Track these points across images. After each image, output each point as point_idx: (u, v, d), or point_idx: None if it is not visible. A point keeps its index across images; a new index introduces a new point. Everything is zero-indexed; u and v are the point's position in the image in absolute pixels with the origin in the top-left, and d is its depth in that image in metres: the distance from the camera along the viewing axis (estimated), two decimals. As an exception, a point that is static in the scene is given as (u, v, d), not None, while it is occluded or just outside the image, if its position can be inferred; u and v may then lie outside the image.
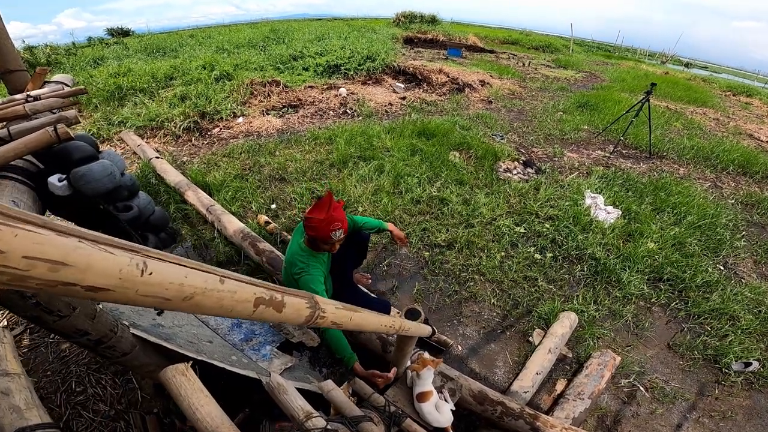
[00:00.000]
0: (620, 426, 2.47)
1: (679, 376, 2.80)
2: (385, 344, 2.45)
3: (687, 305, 3.35)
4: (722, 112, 9.76)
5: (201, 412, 1.20)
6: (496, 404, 2.17)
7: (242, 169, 4.62)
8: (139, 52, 10.93)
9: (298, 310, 0.89)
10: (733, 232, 4.36)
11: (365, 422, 1.65)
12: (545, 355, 2.63)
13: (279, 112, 6.72)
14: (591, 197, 4.65)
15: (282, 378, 1.61)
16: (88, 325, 1.61)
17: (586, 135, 6.81)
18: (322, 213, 1.99)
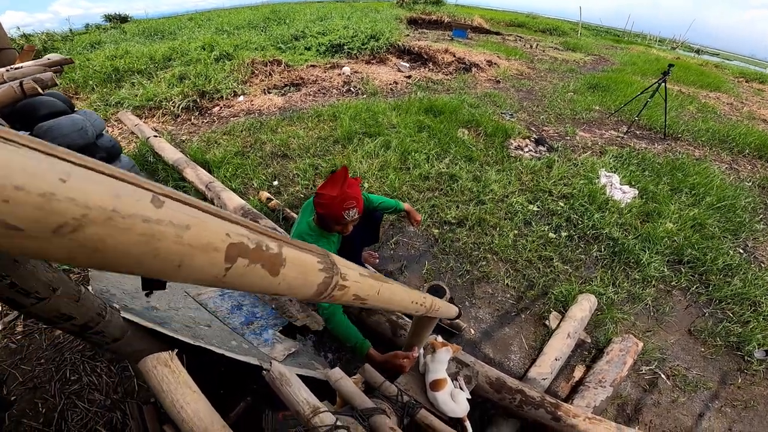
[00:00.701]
0: (641, 415, 2.33)
1: (701, 364, 2.66)
2: (396, 328, 2.29)
3: (708, 289, 3.19)
4: (736, 97, 9.55)
5: (187, 410, 1.03)
6: (515, 392, 2.02)
7: (243, 147, 4.44)
8: (137, 36, 10.74)
9: (305, 273, 0.54)
10: (752, 215, 4.21)
11: (377, 415, 1.49)
12: (564, 340, 2.47)
13: (281, 90, 6.50)
14: (606, 176, 4.49)
15: (284, 367, 1.45)
16: (71, 308, 1.44)
17: (598, 115, 6.63)
18: (335, 189, 1.78)
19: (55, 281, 1.37)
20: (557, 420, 1.96)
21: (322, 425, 1.29)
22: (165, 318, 2.00)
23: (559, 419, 1.96)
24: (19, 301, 1.27)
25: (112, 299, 1.89)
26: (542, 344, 2.58)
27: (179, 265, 0.35)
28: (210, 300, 2.42)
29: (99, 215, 0.27)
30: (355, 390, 1.62)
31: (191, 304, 2.33)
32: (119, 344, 1.73)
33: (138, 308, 1.97)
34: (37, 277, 1.29)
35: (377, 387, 1.79)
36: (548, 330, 2.68)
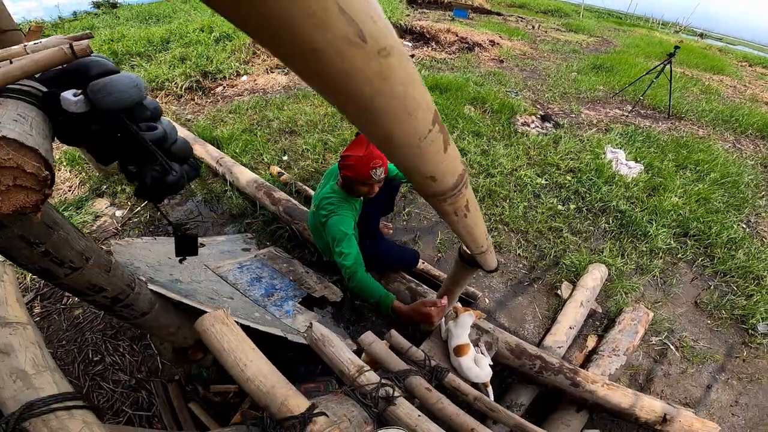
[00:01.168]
0: (652, 384, 2.40)
1: (708, 336, 2.73)
2: (415, 295, 2.33)
3: (713, 262, 3.26)
4: (739, 80, 9.54)
5: (251, 368, 1.01)
6: (535, 358, 2.06)
7: (250, 124, 4.40)
8: (130, 20, 10.40)
9: (456, 159, 0.57)
10: (755, 192, 4.28)
11: (412, 376, 1.53)
12: (577, 309, 2.52)
13: (284, 69, 6.40)
14: (612, 152, 4.54)
15: (325, 328, 1.47)
16: (103, 279, 1.44)
17: (603, 95, 6.64)
18: (361, 149, 1.81)
19: (87, 250, 1.37)
20: (576, 386, 2.00)
21: (368, 383, 1.32)
22: (189, 291, 2.01)
23: (578, 385, 1.99)
24: (54, 271, 1.28)
25: (137, 272, 1.89)
26: (555, 313, 2.63)
27: (409, 114, 0.39)
28: (229, 273, 2.43)
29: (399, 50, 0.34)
30: (389, 353, 1.66)
31: (211, 276, 2.35)
32: (147, 318, 1.73)
33: (163, 281, 1.98)
34: (70, 245, 1.29)
35: (404, 352, 1.82)
36: (560, 300, 2.74)
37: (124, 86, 1.21)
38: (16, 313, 0.84)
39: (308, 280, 2.59)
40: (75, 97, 1.16)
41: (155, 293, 1.79)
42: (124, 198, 3.25)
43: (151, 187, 1.48)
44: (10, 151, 0.90)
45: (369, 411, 1.30)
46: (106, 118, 1.24)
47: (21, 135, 0.94)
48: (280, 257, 2.75)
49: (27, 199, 0.96)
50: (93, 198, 3.24)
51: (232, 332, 1.12)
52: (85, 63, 1.22)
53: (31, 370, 0.76)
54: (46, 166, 0.97)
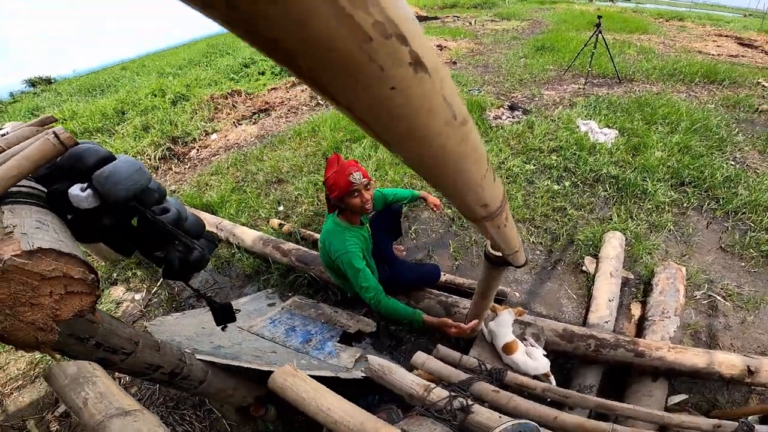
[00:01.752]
0: (718, 340, 2.37)
1: (748, 279, 2.74)
2: (448, 308, 2.34)
3: (719, 203, 3.34)
4: (664, 36, 9.97)
5: (336, 412, 1.04)
6: (587, 338, 2.05)
7: (236, 182, 4.41)
8: (74, 95, 10.21)
9: (500, 184, 0.62)
10: (728, 130, 4.42)
11: (476, 383, 1.54)
12: (609, 280, 2.53)
13: (251, 120, 6.46)
14: (584, 124, 4.70)
15: (380, 358, 1.49)
16: (156, 358, 1.49)
17: (555, 74, 6.88)
18: (333, 167, 1.91)
19: (134, 336, 1.41)
20: (641, 356, 1.96)
21: (439, 399, 1.33)
22: (234, 353, 2.01)
23: (642, 355, 1.96)
24: (110, 359, 1.31)
25: (180, 346, 1.89)
26: (588, 290, 2.65)
27: (477, 163, 0.45)
28: (264, 329, 2.43)
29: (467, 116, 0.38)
30: (445, 366, 1.67)
31: (248, 336, 2.34)
32: (204, 386, 1.76)
33: (207, 349, 1.98)
34: (117, 333, 1.32)
35: (457, 363, 1.83)
36: (588, 275, 2.76)
37: (128, 172, 1.22)
38: (128, 402, 0.86)
39: (339, 318, 2.59)
40: (83, 192, 1.16)
41: (204, 361, 1.80)
42: (137, 281, 3.22)
43: (179, 268, 1.50)
44: (51, 262, 0.92)
45: (450, 425, 1.32)
46: (117, 209, 1.25)
47: (54, 243, 0.96)
48: (306, 304, 2.75)
49: (82, 303, 0.99)
50: (108, 287, 3.21)
51: (305, 382, 1.14)
52: (78, 154, 1.21)
53: None
54: (89, 269, 1.00)
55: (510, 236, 0.80)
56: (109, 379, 0.92)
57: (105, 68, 15.43)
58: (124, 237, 1.37)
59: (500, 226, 0.68)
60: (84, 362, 0.91)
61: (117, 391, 0.89)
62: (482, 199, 0.53)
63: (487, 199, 0.54)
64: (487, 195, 0.53)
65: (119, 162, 1.25)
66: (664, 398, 1.99)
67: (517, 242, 0.95)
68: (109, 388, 0.88)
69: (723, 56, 7.89)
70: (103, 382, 0.89)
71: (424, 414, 1.36)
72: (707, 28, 11.27)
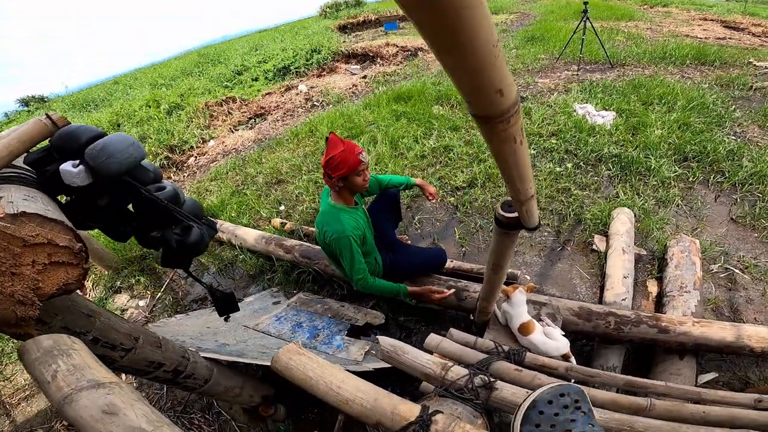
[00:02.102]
0: (741, 314, 2.30)
1: (764, 250, 2.67)
2: (459, 292, 2.26)
3: (725, 176, 3.29)
4: (650, 22, 9.96)
5: (347, 389, 0.97)
6: (606, 316, 1.97)
7: (235, 186, 4.36)
8: (69, 111, 10.24)
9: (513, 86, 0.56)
10: (725, 107, 4.38)
11: (495, 362, 1.48)
12: (622, 256, 2.45)
13: (247, 125, 6.44)
14: (581, 108, 4.67)
15: (392, 339, 1.42)
16: (158, 355, 1.43)
17: (547, 63, 6.85)
18: (338, 147, 1.89)
19: (133, 331, 1.36)
20: (665, 332, 1.88)
21: (459, 377, 1.27)
22: (239, 351, 1.96)
23: (666, 331, 1.88)
24: (109, 355, 1.26)
25: (184, 345, 1.84)
26: (601, 269, 2.59)
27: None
28: (270, 326, 2.37)
29: None
30: (461, 347, 1.61)
31: (254, 334, 2.29)
32: (210, 384, 1.71)
33: (211, 347, 1.93)
34: (115, 328, 1.28)
35: (472, 345, 1.76)
36: (599, 254, 2.70)
37: (122, 145, 1.16)
38: (104, 374, 0.77)
39: (347, 312, 2.53)
40: (75, 168, 1.10)
41: (210, 360, 1.74)
42: (141, 288, 3.18)
43: (178, 250, 1.44)
44: (35, 228, 0.86)
45: (473, 405, 1.25)
46: (111, 186, 1.19)
47: (40, 210, 0.90)
48: (312, 300, 2.70)
49: (68, 276, 0.93)
50: (111, 295, 3.18)
51: (311, 360, 1.08)
52: (70, 132, 1.16)
53: (149, 427, 0.67)
54: (76, 238, 0.94)
55: (527, 162, 0.73)
56: (90, 353, 0.83)
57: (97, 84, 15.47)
58: (119, 219, 1.31)
59: (517, 138, 0.61)
60: (63, 335, 0.83)
61: (95, 364, 0.79)
62: (496, 77, 0.46)
63: (501, 80, 0.48)
64: (501, 73, 0.47)
65: (113, 136, 1.19)
66: (694, 377, 1.90)
67: (532, 179, 0.88)
68: (85, 361, 0.78)
69: (710, 39, 7.87)
70: (80, 355, 0.79)
71: (444, 395, 1.30)
72: (692, 13, 11.24)
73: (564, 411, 0.78)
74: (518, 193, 0.83)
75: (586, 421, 0.76)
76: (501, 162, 0.68)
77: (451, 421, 0.91)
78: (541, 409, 0.79)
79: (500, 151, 0.64)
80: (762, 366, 2.05)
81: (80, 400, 0.69)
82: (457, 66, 0.43)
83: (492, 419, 1.28)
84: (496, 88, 0.48)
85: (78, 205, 1.20)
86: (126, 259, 3.42)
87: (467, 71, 0.44)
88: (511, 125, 0.56)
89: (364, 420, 0.96)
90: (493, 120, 0.53)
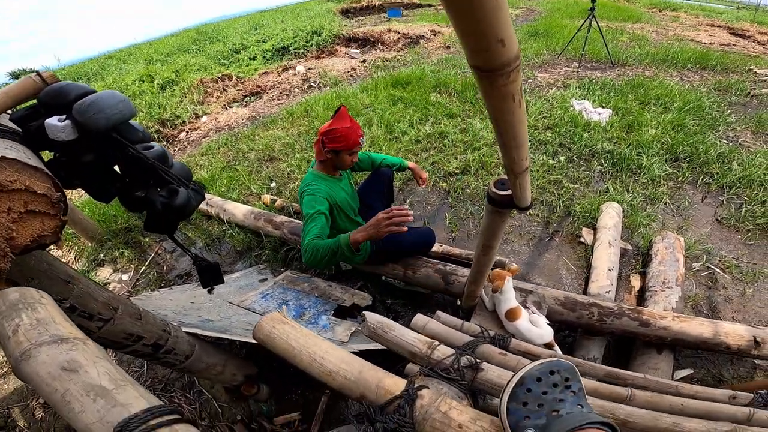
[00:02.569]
0: (719, 313, 2.34)
1: (745, 251, 2.71)
2: (446, 276, 2.26)
3: (714, 178, 3.32)
4: (657, 25, 9.97)
5: (331, 360, 0.95)
6: (590, 306, 1.99)
7: (227, 161, 4.31)
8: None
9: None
10: (721, 111, 4.41)
11: (481, 345, 1.47)
12: (608, 249, 2.47)
13: (242, 102, 6.34)
14: (578, 103, 4.68)
15: (379, 315, 1.41)
16: (137, 327, 1.40)
17: (549, 58, 6.85)
18: (346, 121, 1.90)
19: (112, 300, 1.33)
20: (646, 325, 1.90)
21: (445, 357, 1.27)
22: (223, 327, 1.93)
23: (647, 324, 1.90)
24: (86, 326, 1.23)
25: (166, 318, 1.81)
26: (587, 261, 2.61)
27: None
28: (255, 303, 2.35)
29: None
30: (448, 329, 1.60)
31: (239, 311, 2.26)
32: (192, 360, 1.68)
33: (194, 322, 1.90)
34: (93, 297, 1.25)
35: (459, 328, 1.76)
36: (586, 246, 2.72)
37: (112, 101, 1.13)
38: (69, 330, 0.73)
39: (333, 292, 2.52)
40: (61, 123, 1.07)
41: (192, 335, 1.72)
42: (125, 261, 3.13)
43: (163, 212, 1.40)
44: (13, 173, 0.82)
45: (458, 385, 1.25)
46: (98, 142, 1.15)
47: (20, 156, 0.87)
48: (299, 278, 2.68)
49: (44, 227, 0.90)
50: (94, 268, 3.12)
51: (295, 329, 1.05)
52: (59, 89, 1.13)
53: (110, 385, 0.63)
54: (55, 187, 0.91)
55: (524, 127, 0.71)
56: (57, 308, 0.79)
57: (90, 59, 15.10)
58: (104, 178, 1.28)
59: (516, 96, 0.59)
60: (31, 289, 0.79)
61: (61, 319, 0.75)
62: (498, 24, 0.44)
63: (504, 30, 0.46)
64: (503, 21, 0.45)
65: (102, 93, 1.16)
66: (671, 371, 1.94)
67: (526, 146, 0.85)
68: (51, 315, 0.74)
69: (715, 45, 7.89)
70: (46, 309, 0.74)
71: (429, 374, 1.29)
72: (700, 19, 11.27)
73: (553, 390, 0.76)
74: (513, 162, 0.81)
75: (575, 402, 0.74)
76: (498, 123, 0.66)
77: (437, 397, 0.91)
78: (529, 386, 0.76)
79: (498, 110, 0.61)
80: (736, 365, 2.09)
81: (39, 356, 0.66)
82: (460, 8, 0.40)
83: (477, 401, 1.28)
84: (498, 37, 0.46)
85: (62, 162, 1.16)
86: (110, 231, 3.35)
87: (470, 15, 0.41)
88: (510, 81, 0.54)
89: (348, 393, 0.95)
90: (493, 72, 0.51)
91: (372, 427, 0.85)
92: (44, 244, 0.87)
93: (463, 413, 0.82)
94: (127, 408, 0.61)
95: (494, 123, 0.68)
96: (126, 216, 3.43)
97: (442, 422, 0.81)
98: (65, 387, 0.63)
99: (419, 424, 0.83)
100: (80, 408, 0.60)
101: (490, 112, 0.65)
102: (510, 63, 0.51)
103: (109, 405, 0.61)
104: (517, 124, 0.68)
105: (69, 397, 0.61)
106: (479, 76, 0.54)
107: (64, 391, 0.62)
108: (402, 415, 0.85)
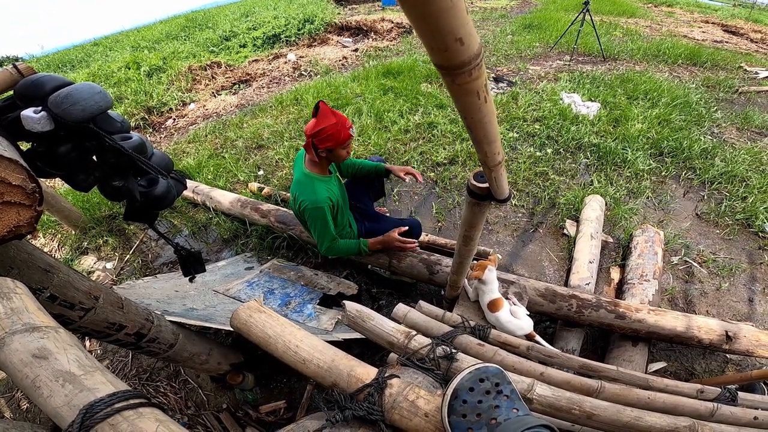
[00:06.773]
0: (695, 306, 2.40)
1: (723, 246, 2.78)
2: (431, 266, 2.29)
3: (696, 173, 3.39)
4: (651, 20, 10.01)
5: (304, 349, 0.97)
6: (569, 298, 2.03)
7: (214, 149, 4.27)
8: (46, 72, 9.80)
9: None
10: (707, 107, 4.48)
11: (459, 336, 1.50)
12: (589, 242, 2.52)
13: (230, 90, 6.26)
14: (568, 97, 4.70)
15: (358, 305, 1.43)
16: (119, 316, 1.39)
17: (541, 51, 6.85)
18: (329, 119, 1.84)
19: (94, 289, 1.32)
20: (622, 318, 1.95)
21: (421, 346, 1.29)
22: (207, 315, 1.94)
23: (623, 317, 1.95)
24: (67, 315, 1.23)
25: (149, 307, 1.81)
26: (570, 252, 2.65)
27: None
28: (241, 292, 2.36)
29: None
30: (428, 319, 1.63)
31: (224, 299, 2.27)
32: (176, 349, 1.68)
33: (178, 311, 1.91)
34: (74, 286, 1.24)
35: (440, 318, 1.79)
36: (569, 239, 2.76)
37: (88, 93, 1.13)
38: (42, 319, 0.74)
39: (319, 281, 2.54)
40: (37, 114, 1.07)
41: (176, 324, 1.72)
42: (109, 249, 3.11)
43: (142, 202, 1.40)
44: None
45: (433, 375, 1.27)
46: (74, 133, 1.15)
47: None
48: (286, 266, 2.69)
49: (20, 217, 0.90)
50: (78, 256, 3.09)
51: (272, 318, 1.07)
52: (35, 80, 1.13)
53: (79, 371, 0.66)
54: (30, 178, 0.91)
55: (493, 122, 0.72)
56: (32, 297, 0.80)
57: (76, 46, 14.68)
58: (81, 168, 1.27)
59: (480, 93, 0.60)
60: (6, 278, 0.79)
61: (34, 308, 0.76)
62: (455, 23, 0.44)
63: (461, 29, 0.45)
64: (460, 20, 0.44)
65: (79, 85, 1.16)
66: (645, 364, 1.99)
67: (499, 142, 0.86)
68: (25, 304, 0.76)
69: (707, 41, 7.94)
70: (20, 299, 0.75)
71: (405, 363, 1.31)
72: (695, 15, 11.32)
73: (486, 397, 0.77)
74: (486, 156, 0.83)
75: (510, 406, 0.75)
76: (467, 120, 0.67)
77: (406, 386, 0.93)
78: (464, 398, 0.78)
79: (464, 107, 0.63)
80: (708, 359, 2.16)
81: (12, 344, 0.67)
82: (414, 9, 0.41)
83: (452, 392, 1.31)
84: (456, 36, 0.47)
85: (39, 152, 1.16)
86: (94, 219, 3.32)
87: (426, 15, 0.42)
88: (473, 78, 0.55)
89: (320, 381, 0.97)
90: (455, 71, 0.52)
91: (341, 414, 0.87)
92: (20, 234, 0.88)
93: (430, 403, 0.85)
94: (94, 392, 0.64)
95: (464, 120, 0.68)
96: (110, 204, 3.38)
97: (410, 411, 0.84)
98: (36, 373, 0.65)
99: (387, 411, 0.86)
100: (49, 393, 0.63)
101: (458, 110, 0.66)
102: (470, 61, 0.52)
103: (76, 390, 0.64)
104: (485, 120, 0.69)
105: (39, 383, 0.63)
106: (443, 75, 0.55)
107: (35, 377, 0.64)
108: (371, 403, 0.87)
